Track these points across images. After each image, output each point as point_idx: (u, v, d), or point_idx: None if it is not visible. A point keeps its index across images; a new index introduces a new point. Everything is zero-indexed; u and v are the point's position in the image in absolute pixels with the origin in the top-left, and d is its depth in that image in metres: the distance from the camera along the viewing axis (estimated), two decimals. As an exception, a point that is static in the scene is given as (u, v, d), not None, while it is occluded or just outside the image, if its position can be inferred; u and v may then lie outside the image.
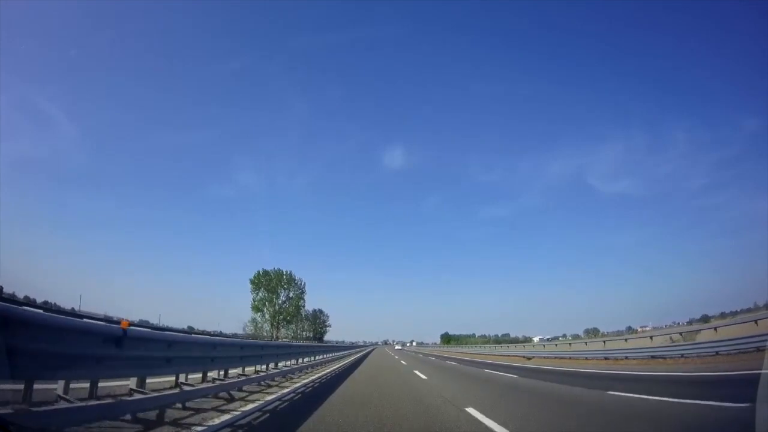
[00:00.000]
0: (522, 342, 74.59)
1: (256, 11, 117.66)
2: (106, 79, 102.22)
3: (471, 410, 6.13)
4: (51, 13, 72.75)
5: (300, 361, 15.96)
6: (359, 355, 39.60)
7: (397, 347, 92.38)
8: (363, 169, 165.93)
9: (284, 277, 70.58)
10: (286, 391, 8.84)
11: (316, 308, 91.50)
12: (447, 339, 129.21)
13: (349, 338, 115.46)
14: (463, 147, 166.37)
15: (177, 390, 5.97)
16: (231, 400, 6.85)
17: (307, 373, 14.24)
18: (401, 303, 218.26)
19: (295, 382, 10.82)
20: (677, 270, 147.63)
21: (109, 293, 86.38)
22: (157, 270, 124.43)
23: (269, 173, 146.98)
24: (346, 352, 39.35)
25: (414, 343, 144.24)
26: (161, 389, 6.02)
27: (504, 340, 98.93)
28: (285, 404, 7.13)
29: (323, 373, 14.92)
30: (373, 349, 70.45)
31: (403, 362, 23.80)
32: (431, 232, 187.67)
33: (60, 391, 3.90)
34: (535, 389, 9.75)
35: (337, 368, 17.95)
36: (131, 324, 6.08)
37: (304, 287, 72.81)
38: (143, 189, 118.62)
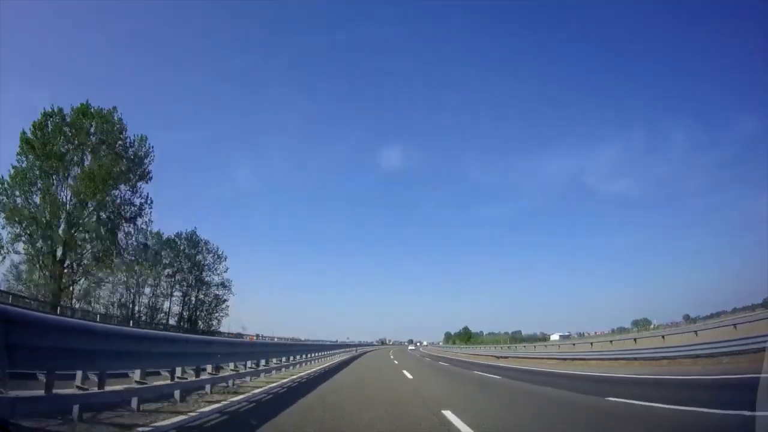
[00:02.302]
0: (540, 340, 70.96)
1: (251, 11, 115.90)
2: (104, 77, 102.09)
3: None
4: (48, 10, 71.94)
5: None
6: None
7: (410, 348, 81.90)
8: (359, 167, 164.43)
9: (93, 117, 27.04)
10: None
11: (190, 231, 41.52)
12: (467, 336, 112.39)
13: (343, 337, 78.33)
14: (461, 147, 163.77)
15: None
16: None
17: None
18: (400, 302, 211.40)
19: None
20: (678, 269, 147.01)
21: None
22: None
23: (266, 173, 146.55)
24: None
25: (424, 343, 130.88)
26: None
27: (517, 338, 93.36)
28: None
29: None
30: (355, 356, 34.90)
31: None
32: (430, 230, 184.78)
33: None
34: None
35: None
36: None
37: (147, 154, 29.88)
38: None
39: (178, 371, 6.90)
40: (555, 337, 77.26)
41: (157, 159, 31.52)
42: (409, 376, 14.19)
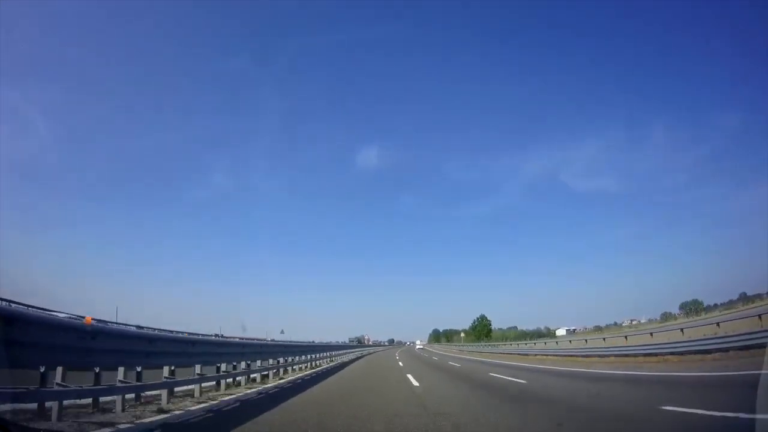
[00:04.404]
0: (546, 335, 68.80)
1: (226, 13, 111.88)
2: (82, 78, 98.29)
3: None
4: (25, 9, 67.71)
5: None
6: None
7: (418, 347, 78.67)
8: (341, 168, 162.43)
9: None
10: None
11: None
12: (485, 330, 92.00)
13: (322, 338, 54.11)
14: (443, 146, 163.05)
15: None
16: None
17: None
18: (380, 302, 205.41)
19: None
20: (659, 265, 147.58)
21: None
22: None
23: (245, 175, 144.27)
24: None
25: (417, 342, 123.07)
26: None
27: (510, 334, 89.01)
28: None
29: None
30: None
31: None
32: (411, 229, 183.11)
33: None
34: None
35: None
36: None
37: None
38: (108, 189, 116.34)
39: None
40: (561, 332, 75.22)
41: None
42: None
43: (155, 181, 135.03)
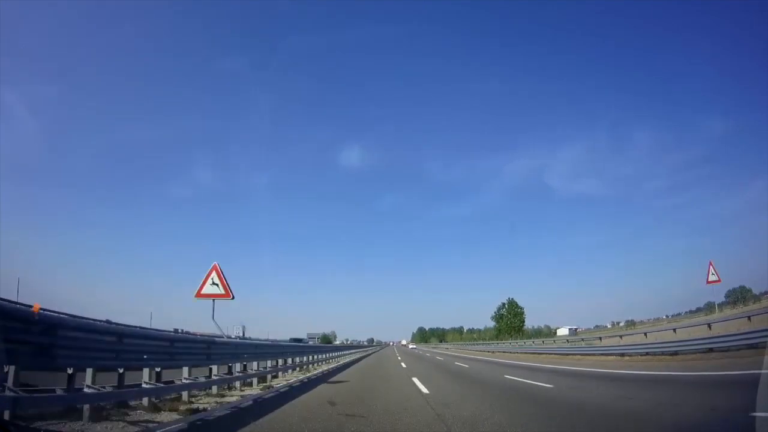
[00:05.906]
0: (547, 335, 68.14)
1: (217, 14, 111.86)
2: (67, 73, 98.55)
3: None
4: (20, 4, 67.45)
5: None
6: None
7: (411, 347, 77.87)
8: (326, 167, 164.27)
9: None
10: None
11: None
12: (518, 323, 67.10)
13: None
14: (428, 147, 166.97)
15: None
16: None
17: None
18: (358, 301, 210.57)
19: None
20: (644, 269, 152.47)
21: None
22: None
23: (228, 173, 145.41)
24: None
25: (403, 342, 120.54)
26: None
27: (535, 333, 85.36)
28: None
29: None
30: None
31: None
32: (393, 228, 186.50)
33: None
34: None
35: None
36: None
37: None
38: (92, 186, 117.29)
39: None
40: (563, 331, 75.17)
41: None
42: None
43: (135, 179, 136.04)
